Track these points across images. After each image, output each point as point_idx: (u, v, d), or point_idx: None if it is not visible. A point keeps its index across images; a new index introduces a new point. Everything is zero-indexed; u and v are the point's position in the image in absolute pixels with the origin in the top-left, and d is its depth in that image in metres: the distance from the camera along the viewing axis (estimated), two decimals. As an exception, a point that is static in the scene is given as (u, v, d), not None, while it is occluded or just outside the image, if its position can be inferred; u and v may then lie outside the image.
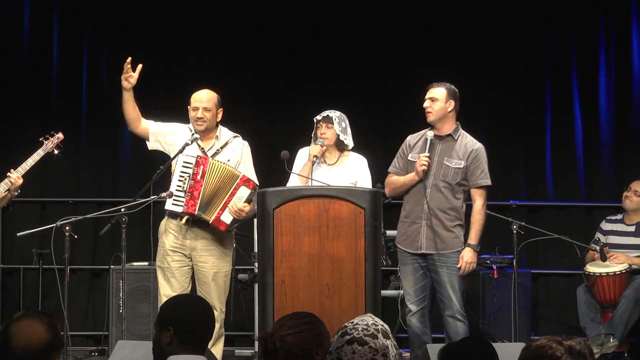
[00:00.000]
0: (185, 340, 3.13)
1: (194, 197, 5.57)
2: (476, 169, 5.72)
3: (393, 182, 5.85)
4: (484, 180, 5.74)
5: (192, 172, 5.58)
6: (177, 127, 5.87)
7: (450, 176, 5.70)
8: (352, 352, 2.72)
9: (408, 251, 5.73)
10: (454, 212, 5.69)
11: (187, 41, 8.15)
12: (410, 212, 5.75)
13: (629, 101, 8.06)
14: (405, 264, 5.77)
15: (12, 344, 2.87)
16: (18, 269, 7.80)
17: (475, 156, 5.72)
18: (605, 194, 7.99)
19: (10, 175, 6.03)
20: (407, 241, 5.74)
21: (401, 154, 5.89)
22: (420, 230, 5.68)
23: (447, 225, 5.66)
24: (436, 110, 5.73)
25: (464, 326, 5.67)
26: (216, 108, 5.80)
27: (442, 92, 5.74)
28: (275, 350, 2.98)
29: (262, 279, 4.98)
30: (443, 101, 5.73)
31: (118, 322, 6.70)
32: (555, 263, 7.95)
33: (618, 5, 8.10)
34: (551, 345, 2.73)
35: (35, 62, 8.08)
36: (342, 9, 8.14)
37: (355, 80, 8.16)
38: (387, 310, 7.01)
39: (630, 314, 6.71)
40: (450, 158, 5.72)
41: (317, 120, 5.96)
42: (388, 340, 2.77)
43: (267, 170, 6.44)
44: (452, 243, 5.67)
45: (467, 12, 8.14)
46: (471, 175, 5.73)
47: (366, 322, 2.81)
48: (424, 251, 5.67)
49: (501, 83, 8.15)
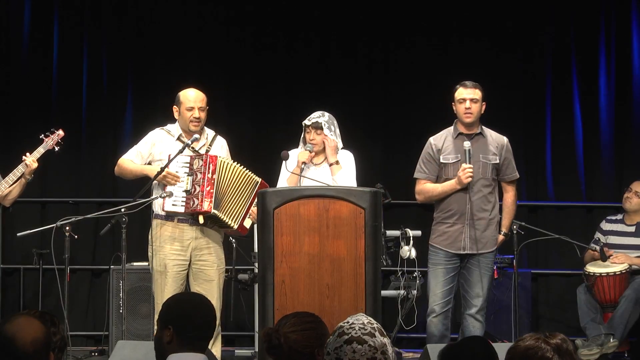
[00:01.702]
0: (186, 339, 3.13)
1: (207, 195, 5.54)
2: (509, 163, 5.84)
3: (429, 190, 5.82)
4: (516, 174, 5.90)
5: (199, 170, 5.55)
6: (153, 138, 5.79)
7: (489, 172, 5.76)
8: (353, 352, 2.73)
9: (450, 251, 5.73)
10: (492, 210, 5.77)
11: (187, 42, 8.14)
12: (452, 213, 5.73)
13: (629, 101, 8.06)
14: (437, 265, 5.75)
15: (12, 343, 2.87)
16: (18, 269, 7.80)
17: (507, 149, 5.84)
18: (605, 194, 8.00)
19: (26, 159, 6.12)
20: (448, 241, 5.73)
21: (428, 158, 5.84)
22: (463, 230, 5.69)
23: (487, 224, 5.72)
24: (477, 112, 5.79)
25: (481, 328, 5.69)
26: (206, 107, 5.80)
27: (480, 93, 5.81)
28: (279, 345, 2.99)
29: (262, 279, 4.98)
30: (480, 102, 5.80)
31: (118, 322, 6.70)
32: (555, 263, 7.95)
33: (618, 5, 8.10)
34: (540, 345, 2.73)
35: (35, 62, 8.08)
36: (342, 10, 8.14)
37: (355, 81, 8.15)
38: (387, 310, 7.01)
39: (631, 314, 6.71)
40: (486, 155, 5.78)
41: (306, 125, 5.85)
42: (385, 338, 2.78)
43: (267, 170, 6.44)
44: (491, 242, 5.76)
45: (467, 12, 8.13)
46: (506, 169, 5.84)
47: (361, 321, 2.82)
48: (467, 251, 5.69)
49: (501, 83, 8.14)
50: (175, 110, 5.80)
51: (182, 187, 5.58)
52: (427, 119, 7.19)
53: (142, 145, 5.79)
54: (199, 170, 5.57)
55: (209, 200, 5.52)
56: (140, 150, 5.78)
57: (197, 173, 5.57)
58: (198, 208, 5.53)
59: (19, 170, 6.17)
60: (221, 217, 5.59)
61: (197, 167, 5.58)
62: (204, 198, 5.52)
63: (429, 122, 6.35)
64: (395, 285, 7.05)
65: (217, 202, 5.57)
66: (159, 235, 5.66)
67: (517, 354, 2.76)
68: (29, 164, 6.13)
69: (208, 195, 5.53)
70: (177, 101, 5.80)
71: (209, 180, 5.54)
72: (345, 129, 6.27)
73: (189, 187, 5.56)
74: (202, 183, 5.54)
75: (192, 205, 5.55)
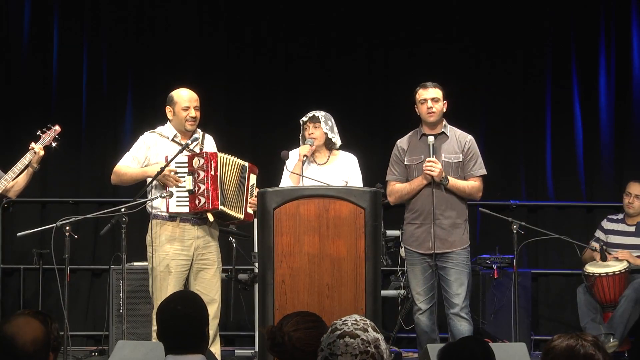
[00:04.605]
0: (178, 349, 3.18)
1: (213, 193, 5.54)
2: (473, 160, 5.84)
3: (398, 190, 5.89)
4: (482, 170, 5.87)
5: (201, 168, 5.55)
6: (146, 142, 5.76)
7: (452, 171, 5.79)
8: (345, 346, 2.74)
9: (419, 252, 5.77)
10: (459, 209, 5.79)
11: (188, 41, 8.14)
12: (418, 214, 5.80)
13: (629, 101, 8.06)
14: (414, 264, 5.83)
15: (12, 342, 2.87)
16: (18, 269, 7.80)
17: (470, 147, 5.85)
18: (605, 194, 8.00)
19: (34, 147, 6.12)
20: (417, 242, 5.80)
21: (396, 160, 5.95)
22: (430, 230, 5.71)
23: (455, 222, 5.75)
24: (439, 111, 5.85)
25: (468, 325, 5.70)
26: (199, 105, 5.81)
27: (440, 92, 5.89)
28: (282, 343, 2.99)
29: (262, 279, 4.98)
30: (442, 100, 5.87)
31: (118, 322, 6.70)
32: (555, 263, 7.95)
33: (618, 5, 8.10)
34: (582, 343, 2.75)
35: (35, 62, 8.09)
36: (342, 10, 8.14)
37: (354, 82, 8.16)
38: (387, 310, 7.02)
39: (631, 313, 6.71)
40: (448, 154, 5.82)
41: (304, 121, 5.90)
42: (378, 334, 2.79)
43: (267, 170, 6.44)
44: (461, 240, 5.77)
45: (468, 12, 8.13)
46: (471, 166, 5.85)
47: (354, 318, 2.84)
48: (435, 251, 5.71)
49: (501, 83, 8.15)
50: (169, 110, 5.77)
51: (184, 187, 5.58)
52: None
53: (136, 150, 5.75)
54: (200, 169, 5.57)
55: (216, 197, 5.54)
56: (135, 155, 5.74)
57: (199, 172, 5.57)
58: (206, 206, 5.54)
59: (24, 162, 6.12)
60: (228, 211, 5.62)
61: (198, 165, 5.58)
62: (211, 196, 5.53)
63: (429, 122, 6.32)
64: (395, 285, 7.06)
65: (223, 198, 5.58)
66: (158, 234, 5.66)
67: (558, 352, 2.77)
68: (37, 151, 6.10)
69: (214, 193, 5.54)
70: (171, 101, 5.78)
71: (212, 177, 5.55)
72: (345, 129, 6.28)
73: (191, 187, 5.56)
74: (207, 181, 5.54)
75: (199, 204, 5.55)
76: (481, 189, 5.87)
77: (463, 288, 5.71)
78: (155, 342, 5.01)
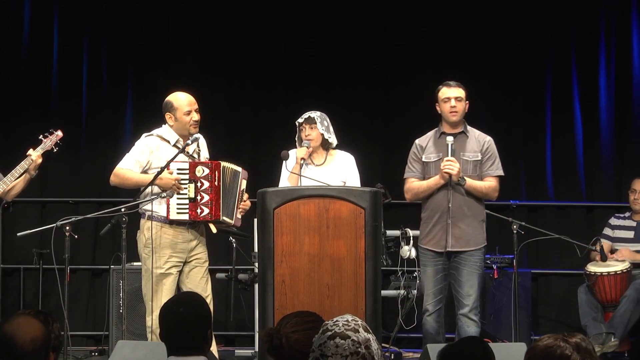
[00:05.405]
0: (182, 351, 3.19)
1: (215, 204, 5.53)
2: (491, 160, 5.84)
3: (415, 187, 5.86)
4: (499, 171, 5.87)
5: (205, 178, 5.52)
6: (149, 145, 5.68)
7: (470, 170, 5.78)
8: (335, 346, 2.73)
9: (435, 250, 5.75)
10: (476, 209, 5.78)
11: (188, 43, 8.14)
12: (435, 212, 5.77)
13: (629, 101, 8.06)
14: (427, 265, 5.80)
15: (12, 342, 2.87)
16: (18, 269, 7.80)
17: (488, 147, 5.85)
18: (605, 194, 8.00)
19: (31, 154, 6.12)
20: (433, 241, 5.77)
21: (415, 158, 5.91)
22: (446, 228, 5.70)
23: (471, 222, 5.74)
24: (462, 110, 5.84)
25: (476, 327, 5.68)
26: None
27: (463, 91, 5.87)
28: (280, 346, 2.99)
29: (262, 279, 4.98)
30: (464, 100, 5.85)
31: (118, 322, 6.70)
32: (555, 263, 7.95)
33: (618, 5, 8.10)
34: (559, 344, 2.74)
35: (35, 62, 8.09)
36: (342, 12, 8.14)
37: (355, 83, 8.15)
38: (387, 310, 7.02)
39: (631, 314, 6.71)
40: (466, 152, 5.81)
41: (300, 123, 5.88)
42: (369, 334, 2.78)
43: (267, 171, 6.44)
44: (477, 240, 5.75)
45: (467, 12, 8.13)
46: (488, 166, 5.84)
47: (346, 318, 2.83)
48: (450, 249, 5.70)
49: (501, 83, 8.15)
50: (170, 117, 5.69)
51: (185, 194, 5.56)
52: (427, 119, 7.18)
53: (139, 154, 5.67)
54: (204, 179, 5.54)
55: (219, 208, 5.54)
56: (138, 159, 5.66)
57: (203, 181, 5.54)
58: (208, 217, 5.55)
59: (23, 165, 6.13)
60: (223, 219, 5.63)
61: (201, 174, 5.54)
62: (214, 207, 5.53)
63: (429, 122, 6.33)
64: (395, 285, 7.06)
65: (224, 209, 5.59)
66: (159, 235, 5.64)
67: (536, 352, 2.77)
68: (34, 159, 6.11)
69: (217, 204, 5.53)
70: (170, 108, 5.69)
71: (215, 188, 5.53)
72: (345, 129, 6.28)
73: (193, 195, 5.55)
74: (211, 192, 5.52)
75: (201, 214, 5.54)
76: (497, 189, 5.86)
77: (474, 289, 5.68)
78: (156, 342, 5.02)
